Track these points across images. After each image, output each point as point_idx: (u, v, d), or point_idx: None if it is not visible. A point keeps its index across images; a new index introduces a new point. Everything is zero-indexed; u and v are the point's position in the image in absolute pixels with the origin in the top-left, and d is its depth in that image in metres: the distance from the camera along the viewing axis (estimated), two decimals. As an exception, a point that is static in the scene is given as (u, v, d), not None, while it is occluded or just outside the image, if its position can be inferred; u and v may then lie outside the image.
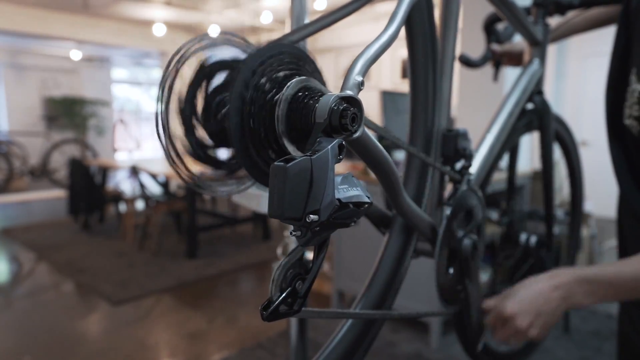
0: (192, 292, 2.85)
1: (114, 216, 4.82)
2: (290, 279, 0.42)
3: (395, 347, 2.05)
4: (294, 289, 0.42)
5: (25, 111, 8.05)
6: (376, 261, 0.68)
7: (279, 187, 0.35)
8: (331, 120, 0.39)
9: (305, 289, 0.43)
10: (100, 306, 2.61)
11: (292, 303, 0.42)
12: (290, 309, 0.42)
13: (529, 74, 1.00)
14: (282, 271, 0.42)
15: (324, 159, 0.36)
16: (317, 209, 0.36)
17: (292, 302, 0.42)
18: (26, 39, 6.77)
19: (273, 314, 0.42)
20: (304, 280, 0.43)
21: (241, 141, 0.43)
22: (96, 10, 5.97)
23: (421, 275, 1.55)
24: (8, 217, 5.21)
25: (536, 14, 1.07)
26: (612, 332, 2.21)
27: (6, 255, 3.67)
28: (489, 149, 0.84)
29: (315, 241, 0.40)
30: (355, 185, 0.41)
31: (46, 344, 2.16)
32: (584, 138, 5.24)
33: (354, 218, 0.41)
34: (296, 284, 0.42)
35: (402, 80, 5.83)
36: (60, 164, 7.27)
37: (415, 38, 0.68)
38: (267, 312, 0.41)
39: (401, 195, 0.58)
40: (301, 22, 0.73)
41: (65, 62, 8.36)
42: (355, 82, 0.42)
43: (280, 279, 0.42)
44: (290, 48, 0.47)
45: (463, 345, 0.91)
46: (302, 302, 0.43)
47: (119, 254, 3.62)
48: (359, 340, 0.61)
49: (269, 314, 0.41)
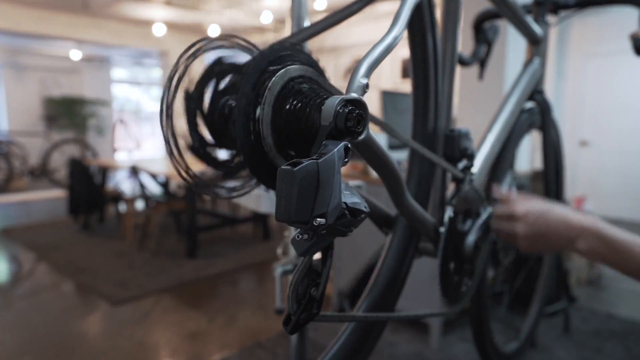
0: (192, 292, 2.85)
1: (114, 216, 4.82)
2: (305, 289, 0.43)
3: (395, 347, 2.05)
4: (311, 296, 0.43)
5: (25, 111, 8.05)
6: (379, 262, 0.68)
7: (286, 191, 0.35)
8: (337, 123, 0.39)
9: (320, 293, 0.43)
10: (100, 306, 2.61)
11: (311, 308, 0.43)
12: (310, 313, 0.43)
13: (529, 73, 1.00)
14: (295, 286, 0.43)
15: (330, 162, 0.36)
16: (325, 212, 0.36)
17: (310, 308, 0.43)
18: (26, 39, 6.76)
19: (296, 327, 0.42)
20: (317, 286, 0.43)
21: (246, 142, 0.43)
22: (96, 10, 5.97)
23: (424, 276, 1.55)
24: (8, 217, 5.21)
25: (536, 13, 1.07)
26: (612, 332, 2.21)
27: (6, 255, 3.67)
28: (491, 148, 0.84)
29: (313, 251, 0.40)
30: (354, 194, 0.41)
31: (46, 344, 2.16)
32: (584, 138, 5.24)
33: (351, 227, 0.41)
34: (311, 290, 0.43)
35: (403, 80, 5.83)
36: (60, 164, 7.26)
37: (417, 39, 0.68)
38: (289, 326, 0.42)
39: (404, 195, 0.58)
40: (301, 22, 0.74)
41: (65, 62, 8.35)
42: (360, 85, 0.42)
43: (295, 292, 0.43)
44: (294, 50, 0.47)
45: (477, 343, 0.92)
46: (320, 304, 0.44)
47: (119, 254, 3.62)
48: (362, 340, 0.61)
49: (292, 327, 0.42)
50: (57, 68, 8.41)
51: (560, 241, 0.71)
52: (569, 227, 0.70)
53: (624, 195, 4.94)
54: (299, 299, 0.43)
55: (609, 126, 5.05)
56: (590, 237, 0.69)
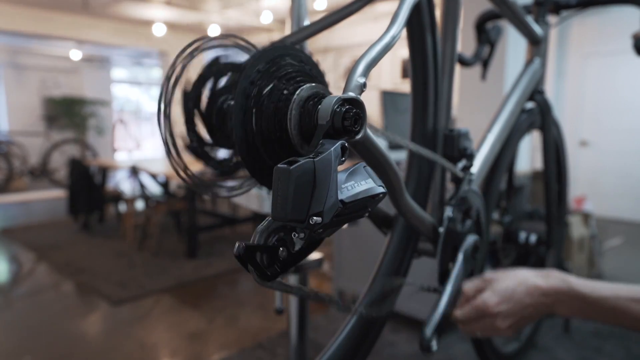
0: (192, 292, 2.85)
1: (114, 216, 4.82)
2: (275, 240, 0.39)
3: (395, 347, 2.05)
4: (276, 250, 0.39)
5: (25, 111, 8.04)
6: (378, 261, 0.68)
7: (283, 189, 0.35)
8: (334, 122, 0.39)
9: (286, 261, 0.40)
10: (100, 306, 2.61)
11: (268, 266, 0.39)
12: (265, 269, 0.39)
13: (530, 73, 1.00)
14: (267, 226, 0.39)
15: (326, 161, 0.36)
16: (321, 210, 0.36)
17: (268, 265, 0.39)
18: (26, 39, 6.76)
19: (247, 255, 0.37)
20: (288, 253, 0.40)
21: (243, 141, 0.43)
22: (96, 10, 5.97)
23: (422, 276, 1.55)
24: (8, 217, 5.21)
25: (537, 13, 1.07)
26: (612, 332, 2.21)
27: (6, 255, 3.67)
28: (490, 148, 0.84)
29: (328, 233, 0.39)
30: (366, 178, 0.40)
31: (46, 344, 2.16)
32: (584, 138, 5.24)
33: (368, 208, 0.40)
34: (280, 248, 0.39)
35: (402, 80, 5.83)
36: (60, 164, 7.27)
37: (417, 38, 0.68)
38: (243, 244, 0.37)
39: (403, 195, 0.58)
40: (301, 22, 0.73)
41: (65, 62, 8.35)
42: (358, 84, 0.42)
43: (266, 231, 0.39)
44: (292, 50, 0.47)
45: None
46: (277, 272, 0.40)
47: (119, 254, 3.61)
48: (361, 339, 0.61)
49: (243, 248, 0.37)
50: (57, 68, 8.41)
51: (541, 310, 0.68)
52: (543, 294, 0.68)
53: (624, 195, 4.94)
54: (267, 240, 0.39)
55: (609, 126, 5.05)
56: (566, 299, 0.67)
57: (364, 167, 0.41)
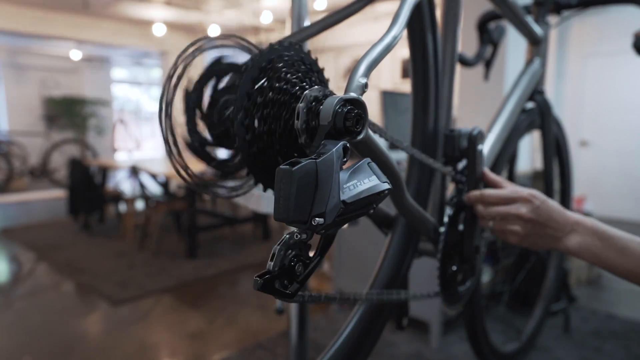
0: (192, 292, 2.84)
1: (114, 216, 4.82)
2: (290, 259, 0.39)
3: (395, 347, 2.05)
4: (293, 269, 0.39)
5: (25, 111, 8.05)
6: (379, 261, 0.68)
7: (285, 191, 0.35)
8: (335, 122, 0.39)
9: (304, 275, 0.40)
10: (100, 306, 2.61)
11: (288, 285, 0.39)
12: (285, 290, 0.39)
13: (530, 73, 1.00)
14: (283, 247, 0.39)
15: (328, 162, 0.36)
16: (323, 211, 0.36)
17: (287, 285, 0.39)
18: (26, 39, 6.76)
19: (266, 287, 0.38)
20: (305, 266, 0.40)
21: (245, 141, 0.43)
22: (96, 10, 5.97)
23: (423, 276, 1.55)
24: (8, 217, 5.21)
25: (537, 13, 1.07)
26: (612, 332, 2.21)
27: (6, 255, 3.67)
28: (491, 148, 0.84)
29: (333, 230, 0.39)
30: (370, 175, 0.40)
31: (46, 344, 2.16)
32: (584, 138, 5.24)
33: (373, 205, 0.40)
34: (296, 265, 0.39)
35: (403, 80, 5.83)
36: (60, 164, 7.27)
37: (417, 39, 0.68)
38: (261, 279, 0.37)
39: (404, 195, 0.58)
40: (301, 22, 0.73)
41: (65, 62, 8.36)
42: (359, 84, 0.42)
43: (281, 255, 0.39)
44: (293, 50, 0.47)
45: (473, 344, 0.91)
46: (297, 287, 0.40)
47: (119, 254, 3.61)
48: (363, 338, 0.61)
49: (262, 284, 0.37)
50: (57, 68, 8.41)
51: (554, 234, 0.66)
52: (565, 219, 0.66)
53: (624, 195, 4.94)
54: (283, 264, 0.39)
55: (609, 126, 5.05)
56: (585, 231, 0.65)
57: (368, 163, 0.41)
